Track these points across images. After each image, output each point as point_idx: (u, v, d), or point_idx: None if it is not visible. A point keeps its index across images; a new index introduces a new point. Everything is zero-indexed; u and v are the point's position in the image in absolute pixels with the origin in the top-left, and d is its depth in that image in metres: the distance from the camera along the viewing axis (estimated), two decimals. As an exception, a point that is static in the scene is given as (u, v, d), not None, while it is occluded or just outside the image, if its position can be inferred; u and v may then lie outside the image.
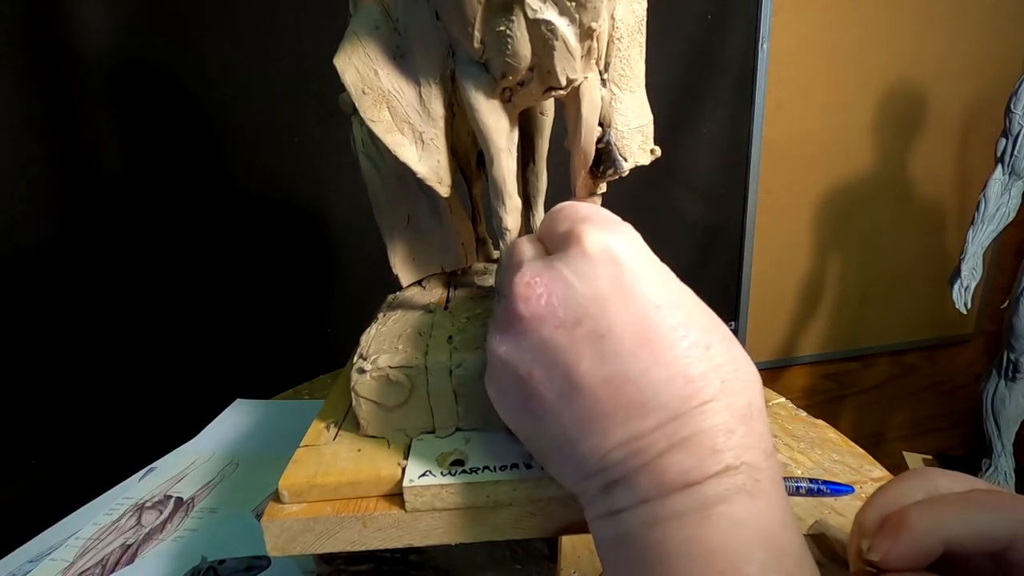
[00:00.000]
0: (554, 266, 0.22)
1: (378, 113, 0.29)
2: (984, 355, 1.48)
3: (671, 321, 0.21)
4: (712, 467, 0.19)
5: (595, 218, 0.23)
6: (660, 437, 0.20)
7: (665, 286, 0.22)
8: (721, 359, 0.21)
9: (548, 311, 0.21)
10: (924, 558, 0.24)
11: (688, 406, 0.20)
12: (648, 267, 0.22)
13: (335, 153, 0.79)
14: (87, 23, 0.67)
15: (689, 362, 0.20)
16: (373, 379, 0.29)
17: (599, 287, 0.21)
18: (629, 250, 0.22)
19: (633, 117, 0.31)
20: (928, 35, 1.18)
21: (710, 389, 0.20)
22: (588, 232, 0.22)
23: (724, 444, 0.20)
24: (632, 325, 0.20)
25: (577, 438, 0.21)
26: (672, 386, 0.20)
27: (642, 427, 0.20)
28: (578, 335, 0.21)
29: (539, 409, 0.22)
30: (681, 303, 0.21)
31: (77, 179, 0.70)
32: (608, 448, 0.20)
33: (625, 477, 0.20)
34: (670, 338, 0.20)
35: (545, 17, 0.23)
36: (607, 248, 0.21)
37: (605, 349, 0.20)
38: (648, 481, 0.20)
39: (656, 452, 0.20)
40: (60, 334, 0.70)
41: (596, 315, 0.21)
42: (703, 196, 1.09)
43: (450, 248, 0.40)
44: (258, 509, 0.45)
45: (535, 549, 0.31)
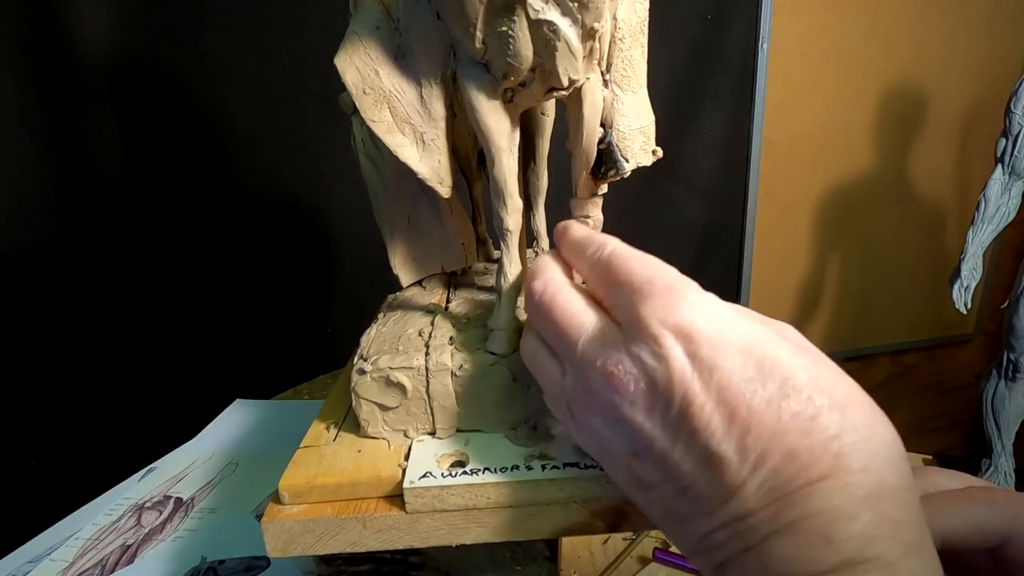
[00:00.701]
0: (631, 351, 0.20)
1: (379, 113, 0.29)
2: (984, 355, 1.48)
3: (763, 393, 0.19)
4: (826, 560, 0.17)
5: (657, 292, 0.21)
6: (764, 519, 0.18)
7: (753, 355, 0.19)
8: (834, 429, 0.18)
9: (639, 396, 0.20)
10: None
11: (793, 485, 0.18)
12: (733, 335, 0.20)
13: (335, 153, 0.79)
14: (87, 23, 0.67)
15: (790, 436, 0.18)
16: (373, 380, 0.29)
17: (679, 368, 0.19)
18: (708, 319, 0.20)
19: (635, 118, 0.30)
20: (928, 35, 1.18)
21: (819, 467, 0.18)
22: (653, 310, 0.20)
23: (842, 533, 0.17)
24: (721, 403, 0.19)
25: (682, 517, 0.20)
26: (769, 464, 0.18)
27: (744, 507, 0.18)
28: (669, 417, 0.20)
29: (646, 486, 0.21)
30: (777, 369, 0.19)
31: (77, 179, 0.69)
32: (711, 528, 0.19)
33: (732, 560, 0.19)
34: (764, 411, 0.18)
35: (547, 17, 0.23)
36: (679, 325, 0.20)
37: (696, 428, 0.19)
38: (754, 568, 0.18)
39: (760, 536, 0.18)
40: (60, 334, 0.70)
41: (684, 396, 0.19)
42: (703, 196, 1.09)
43: (450, 248, 0.40)
44: (258, 509, 0.45)
45: (535, 550, 0.31)
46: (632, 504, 0.26)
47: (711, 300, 0.21)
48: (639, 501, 0.23)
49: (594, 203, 0.33)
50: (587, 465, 0.27)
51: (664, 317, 0.20)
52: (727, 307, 0.21)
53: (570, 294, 0.25)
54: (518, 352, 0.29)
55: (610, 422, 0.21)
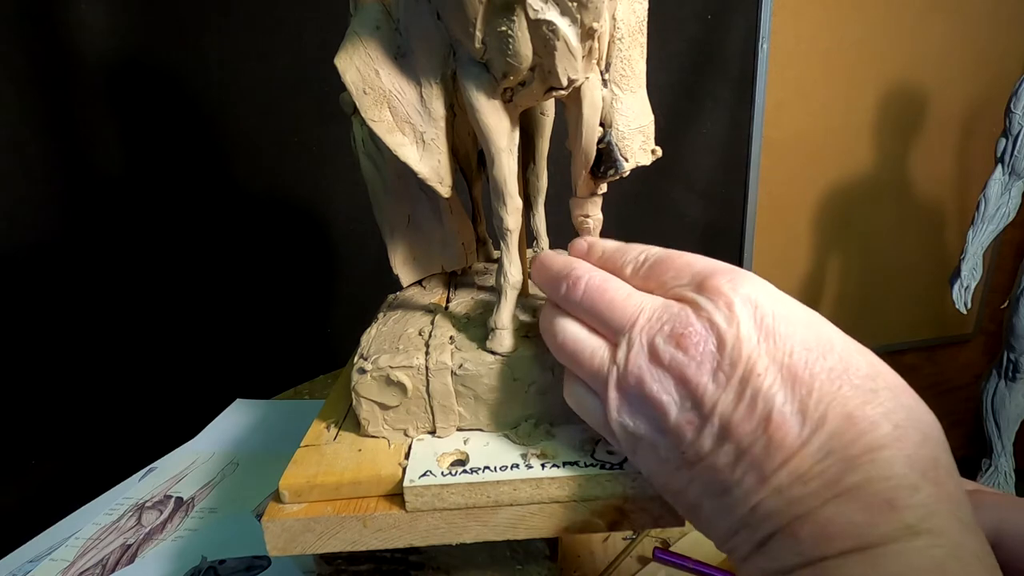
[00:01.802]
0: (702, 315, 0.21)
1: (379, 113, 0.29)
2: (984, 355, 1.48)
3: (825, 363, 0.20)
4: (889, 524, 0.17)
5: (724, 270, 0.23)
6: (823, 483, 0.18)
7: (812, 329, 0.21)
8: (891, 405, 0.19)
9: (707, 356, 0.21)
10: None
11: (854, 450, 0.18)
12: (793, 312, 0.21)
13: (335, 153, 0.79)
14: (87, 23, 0.67)
15: (852, 402, 0.19)
16: (374, 379, 0.29)
17: (747, 331, 0.20)
18: (769, 295, 0.22)
19: (634, 117, 0.31)
20: (928, 35, 1.18)
21: (880, 434, 0.18)
22: (723, 280, 0.22)
23: (905, 500, 0.17)
24: (785, 367, 0.20)
25: (731, 483, 0.20)
26: (829, 427, 0.18)
27: (802, 468, 0.18)
28: (735, 378, 0.20)
29: (692, 459, 0.21)
30: (834, 347, 0.20)
31: (77, 179, 0.70)
32: (766, 493, 0.19)
33: (784, 528, 0.19)
34: (825, 378, 0.19)
35: (546, 17, 0.23)
36: (747, 295, 0.21)
37: (760, 389, 0.20)
38: (810, 533, 0.18)
39: (819, 500, 0.18)
40: (60, 334, 0.70)
41: (749, 358, 0.20)
42: (703, 196, 1.09)
43: (450, 248, 0.40)
44: (258, 509, 0.45)
45: (535, 549, 0.31)
46: (632, 503, 0.26)
47: (770, 284, 0.23)
48: (677, 482, 0.22)
49: (594, 202, 0.33)
50: (587, 464, 0.27)
51: (734, 286, 0.22)
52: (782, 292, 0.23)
53: (619, 281, 0.25)
54: (518, 351, 0.29)
55: (671, 386, 0.21)
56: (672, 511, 0.26)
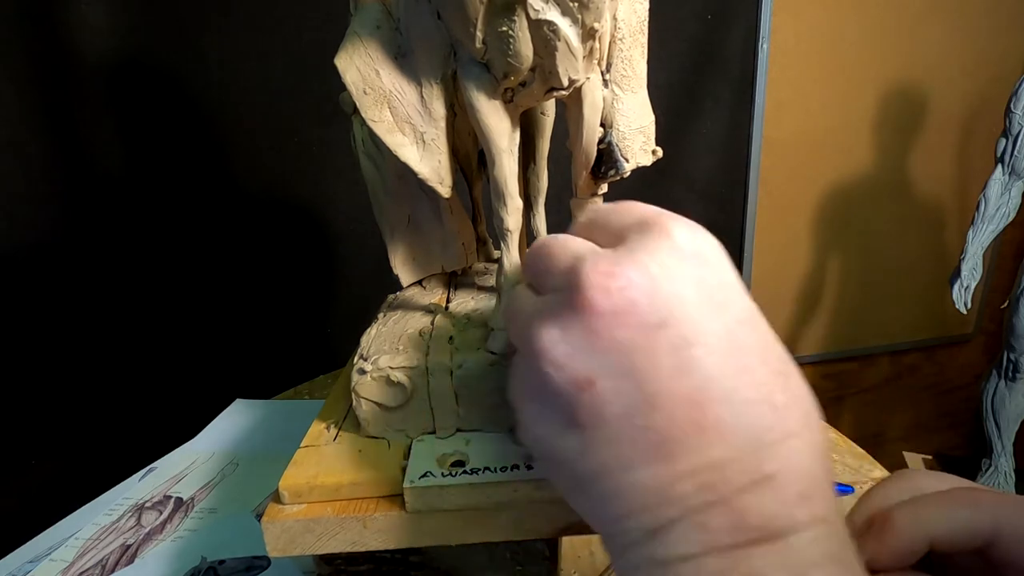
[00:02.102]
0: (636, 256, 0.18)
1: (379, 113, 0.29)
2: (984, 355, 1.48)
3: (753, 341, 0.18)
4: (799, 515, 0.16)
5: (677, 216, 0.20)
6: (741, 470, 0.17)
7: (745, 301, 0.19)
8: (799, 392, 0.18)
9: (630, 306, 0.18)
10: (910, 556, 0.24)
11: (771, 437, 0.17)
12: (733, 275, 0.19)
13: (335, 153, 0.79)
14: (87, 23, 0.67)
15: (773, 389, 0.18)
16: (374, 379, 0.29)
17: (685, 288, 0.18)
18: (716, 253, 0.19)
19: (635, 118, 0.31)
20: (928, 35, 1.18)
21: (794, 422, 0.17)
22: (676, 227, 0.19)
23: (811, 490, 0.17)
24: (719, 338, 0.18)
25: (635, 463, 0.18)
26: (755, 411, 0.17)
27: (719, 455, 0.17)
28: (660, 340, 0.17)
29: (593, 427, 0.18)
30: (758, 324, 0.19)
31: (77, 179, 0.69)
32: (673, 477, 0.17)
33: (688, 516, 0.17)
34: (755, 358, 0.18)
35: (547, 17, 0.23)
36: (699, 248, 0.19)
37: (688, 360, 0.17)
38: (722, 523, 0.17)
39: (734, 488, 0.17)
40: (60, 334, 0.70)
41: (681, 319, 0.17)
42: (703, 196, 1.09)
43: (451, 248, 0.40)
44: (258, 509, 0.45)
45: (535, 550, 0.31)
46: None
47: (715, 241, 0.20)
48: (563, 452, 0.19)
49: (594, 203, 0.33)
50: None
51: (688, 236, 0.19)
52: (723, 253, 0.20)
53: (564, 236, 0.22)
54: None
55: (586, 334, 0.18)
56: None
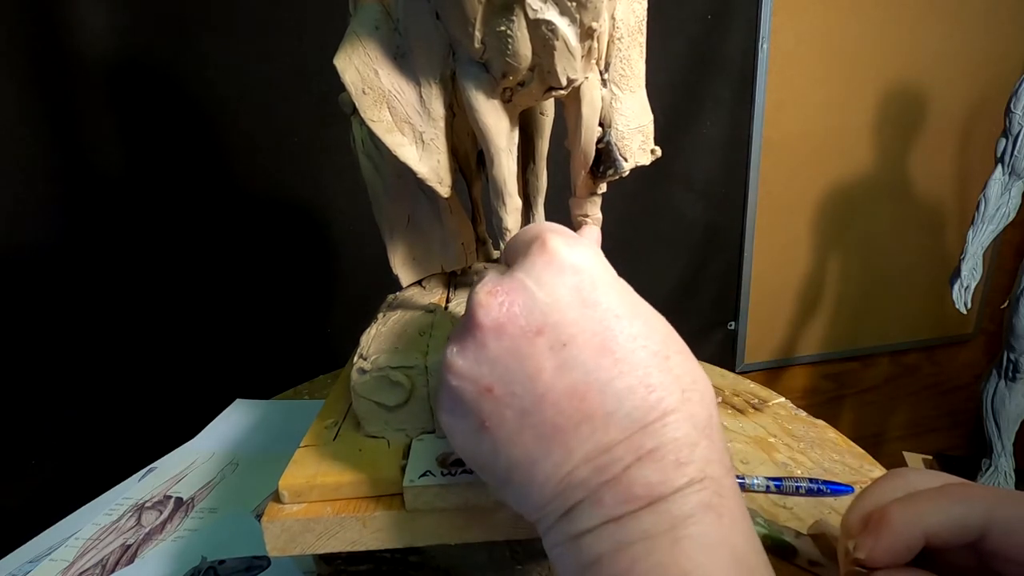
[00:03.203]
0: (514, 275, 0.21)
1: (378, 113, 0.29)
2: (984, 355, 1.48)
3: (631, 330, 0.20)
4: (677, 480, 0.19)
5: (555, 229, 0.23)
6: (626, 450, 0.19)
7: (623, 296, 0.21)
8: (680, 370, 0.20)
9: (509, 319, 0.20)
10: (906, 552, 0.25)
11: (651, 417, 0.19)
12: (607, 277, 0.22)
13: (335, 153, 0.79)
14: (87, 23, 0.67)
15: (650, 372, 0.20)
16: (373, 379, 0.29)
17: (560, 295, 0.20)
18: (589, 260, 0.22)
19: (633, 117, 0.31)
20: (928, 35, 1.18)
21: (672, 400, 0.20)
22: (549, 240, 0.22)
23: (688, 457, 0.19)
24: (593, 334, 0.20)
25: (538, 457, 0.20)
26: (635, 396, 0.19)
27: (607, 439, 0.19)
28: (540, 344, 0.20)
29: (498, 428, 0.21)
30: (639, 313, 0.21)
31: (77, 179, 0.70)
32: (572, 465, 0.20)
33: (589, 496, 0.20)
34: (631, 347, 0.20)
35: (546, 17, 0.23)
36: (568, 257, 0.21)
37: (567, 358, 0.20)
38: (614, 498, 0.19)
39: (623, 466, 0.19)
40: (60, 334, 0.70)
41: (558, 323, 0.20)
42: (703, 196, 1.09)
43: (450, 248, 0.40)
44: (258, 509, 0.45)
45: (535, 549, 0.31)
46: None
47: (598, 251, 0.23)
48: (481, 457, 0.22)
49: (593, 202, 0.33)
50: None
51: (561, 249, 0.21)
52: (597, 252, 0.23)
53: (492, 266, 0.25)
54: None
55: (477, 347, 0.21)
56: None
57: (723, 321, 1.21)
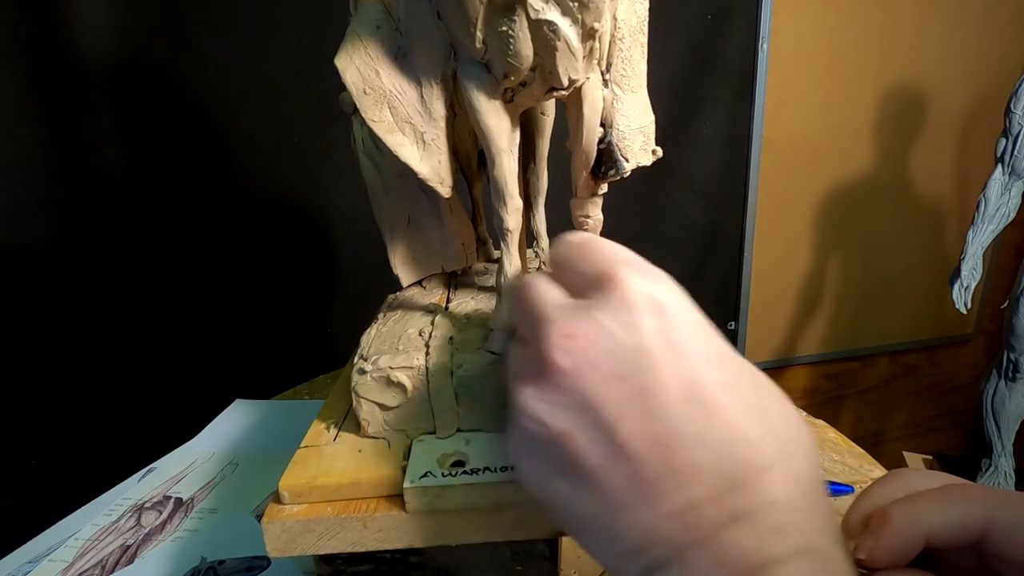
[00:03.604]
0: (593, 316, 0.20)
1: (379, 113, 0.29)
2: (984, 355, 1.48)
3: (722, 379, 0.19)
4: (776, 549, 0.17)
5: (632, 263, 0.21)
6: (717, 510, 0.17)
7: (711, 341, 0.20)
8: (779, 424, 0.19)
9: (589, 363, 0.19)
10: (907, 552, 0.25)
11: (746, 474, 0.18)
12: (693, 318, 0.20)
13: (335, 153, 0.79)
14: (87, 23, 0.67)
15: (745, 424, 0.18)
16: (374, 380, 0.29)
17: (644, 339, 0.19)
18: (674, 300, 0.20)
19: (635, 117, 0.31)
20: (928, 35, 1.18)
21: (770, 456, 0.18)
22: (629, 278, 0.20)
23: (790, 522, 0.17)
24: (681, 382, 0.18)
25: (621, 508, 0.19)
26: (728, 449, 0.18)
27: (695, 495, 0.18)
28: (622, 391, 0.19)
29: (578, 475, 0.19)
30: (729, 360, 0.20)
31: (77, 179, 0.69)
32: (657, 519, 0.18)
33: (675, 556, 0.18)
34: (723, 397, 0.18)
35: (547, 17, 0.23)
36: (652, 298, 0.20)
37: (653, 406, 0.18)
38: (703, 562, 0.17)
39: (714, 526, 0.17)
40: (60, 334, 0.70)
41: (642, 369, 0.19)
42: (703, 196, 1.09)
43: (451, 248, 0.40)
44: (258, 509, 0.45)
45: (536, 550, 0.31)
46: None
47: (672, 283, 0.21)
48: (559, 499, 0.21)
49: (594, 203, 0.33)
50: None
51: (640, 287, 0.20)
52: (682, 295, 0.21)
53: (543, 286, 0.23)
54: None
55: (555, 391, 0.20)
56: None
57: (723, 321, 1.21)
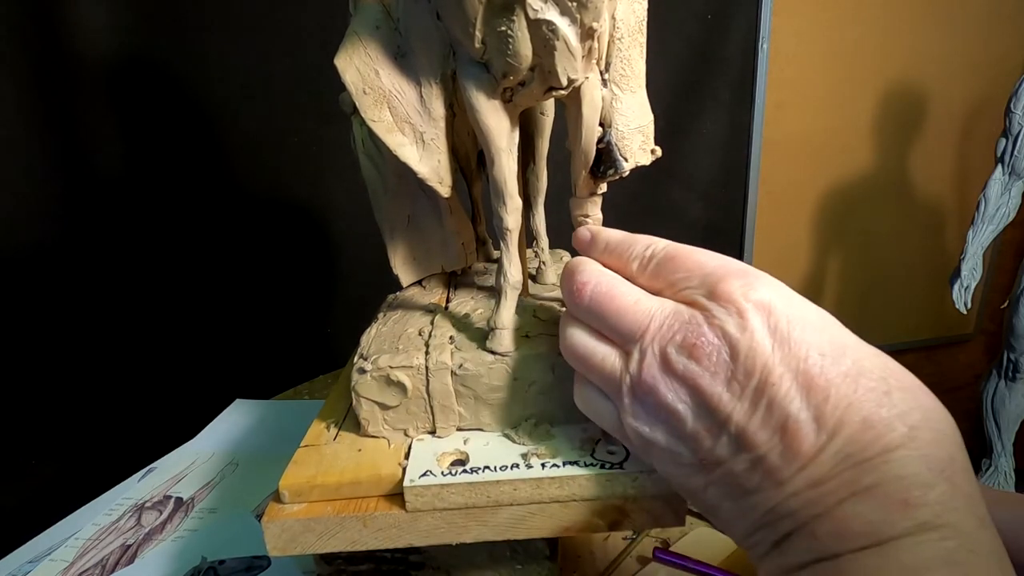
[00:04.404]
0: (713, 324, 0.21)
1: (379, 113, 0.29)
2: (984, 355, 1.48)
3: (839, 367, 0.20)
4: (905, 522, 0.17)
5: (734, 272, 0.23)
6: (839, 484, 0.18)
7: (826, 332, 0.21)
8: (904, 406, 0.19)
9: (720, 366, 0.21)
10: None
11: (868, 453, 0.18)
12: (807, 315, 0.21)
13: (335, 153, 0.79)
14: (87, 23, 0.67)
15: (866, 408, 0.19)
16: (374, 379, 0.29)
17: (761, 339, 0.20)
18: (782, 299, 0.21)
19: (634, 117, 0.31)
20: (928, 35, 1.18)
21: (894, 435, 0.18)
22: (735, 285, 0.22)
23: (920, 499, 0.17)
24: (800, 373, 0.20)
25: (749, 489, 0.20)
26: (848, 431, 0.19)
27: (818, 473, 0.19)
28: (749, 387, 0.20)
29: (711, 464, 0.21)
30: (847, 350, 0.20)
31: (77, 179, 0.69)
32: (781, 498, 0.20)
33: (801, 527, 0.19)
34: (840, 383, 0.19)
35: (546, 17, 0.23)
36: (760, 300, 0.21)
37: (776, 398, 0.20)
38: (828, 531, 0.18)
39: (835, 500, 0.18)
40: (60, 334, 0.70)
41: (764, 366, 0.20)
42: (703, 196, 1.09)
43: (450, 248, 0.40)
44: (258, 509, 0.45)
45: (535, 549, 0.31)
46: (633, 503, 0.26)
47: (783, 285, 0.23)
48: (695, 484, 0.22)
49: (593, 202, 0.33)
50: (587, 464, 0.27)
51: (745, 292, 0.21)
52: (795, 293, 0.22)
53: (626, 285, 0.25)
54: (518, 351, 0.29)
55: (685, 395, 0.22)
56: (673, 511, 0.26)
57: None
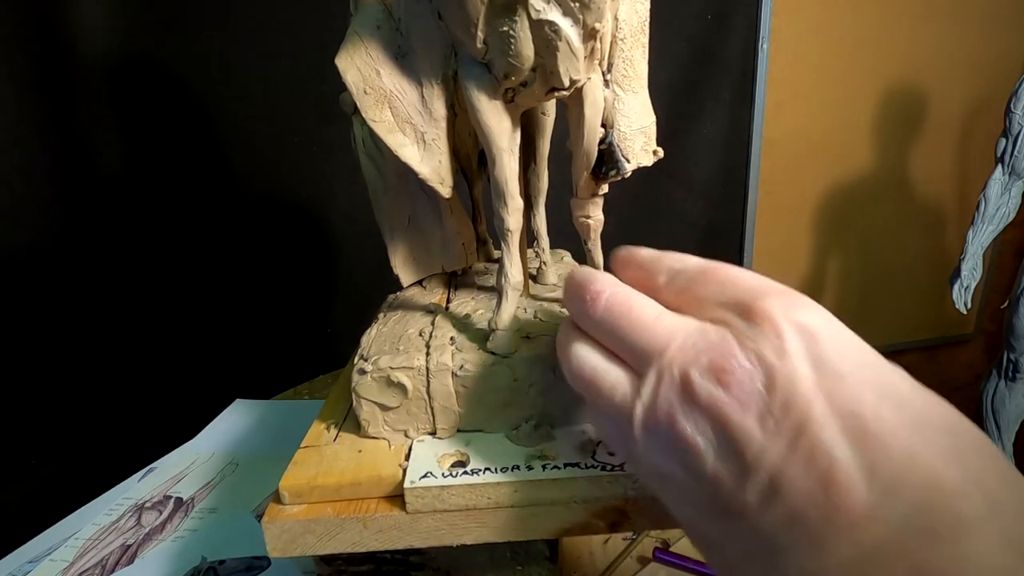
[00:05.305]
0: (747, 346, 0.18)
1: (380, 113, 0.29)
2: (984, 355, 1.48)
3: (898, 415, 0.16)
4: None
5: (774, 291, 0.20)
6: (898, 563, 0.15)
7: (877, 370, 0.18)
8: (978, 465, 0.16)
9: (753, 396, 0.17)
10: None
11: (938, 524, 0.15)
12: (855, 347, 0.18)
13: (335, 153, 0.79)
14: (87, 23, 0.67)
15: (932, 464, 0.15)
16: (374, 380, 0.29)
17: (803, 369, 0.17)
18: (828, 325, 0.18)
19: (636, 118, 0.31)
20: (928, 35, 1.18)
21: (970, 505, 0.15)
22: (773, 304, 0.19)
23: None
24: (849, 415, 0.16)
25: (780, 548, 0.17)
26: (911, 493, 0.15)
27: (870, 539, 0.15)
28: (787, 425, 0.17)
29: (734, 512, 0.18)
30: (902, 392, 0.17)
31: (77, 179, 0.69)
32: (822, 566, 0.16)
33: None
34: (899, 432, 0.16)
35: (548, 18, 0.23)
36: (803, 323, 0.18)
37: (819, 441, 0.16)
38: None
39: None
40: (60, 334, 0.70)
41: (805, 401, 0.17)
42: (703, 196, 1.09)
43: (451, 248, 0.40)
44: (258, 509, 0.45)
45: (536, 550, 0.31)
46: (633, 504, 0.26)
47: (828, 312, 0.19)
48: (712, 534, 0.19)
49: (595, 203, 0.33)
50: (588, 465, 0.27)
51: (787, 312, 0.18)
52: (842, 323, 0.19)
53: (644, 298, 0.22)
54: (519, 352, 0.29)
55: (707, 428, 0.18)
56: (673, 512, 0.26)
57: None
